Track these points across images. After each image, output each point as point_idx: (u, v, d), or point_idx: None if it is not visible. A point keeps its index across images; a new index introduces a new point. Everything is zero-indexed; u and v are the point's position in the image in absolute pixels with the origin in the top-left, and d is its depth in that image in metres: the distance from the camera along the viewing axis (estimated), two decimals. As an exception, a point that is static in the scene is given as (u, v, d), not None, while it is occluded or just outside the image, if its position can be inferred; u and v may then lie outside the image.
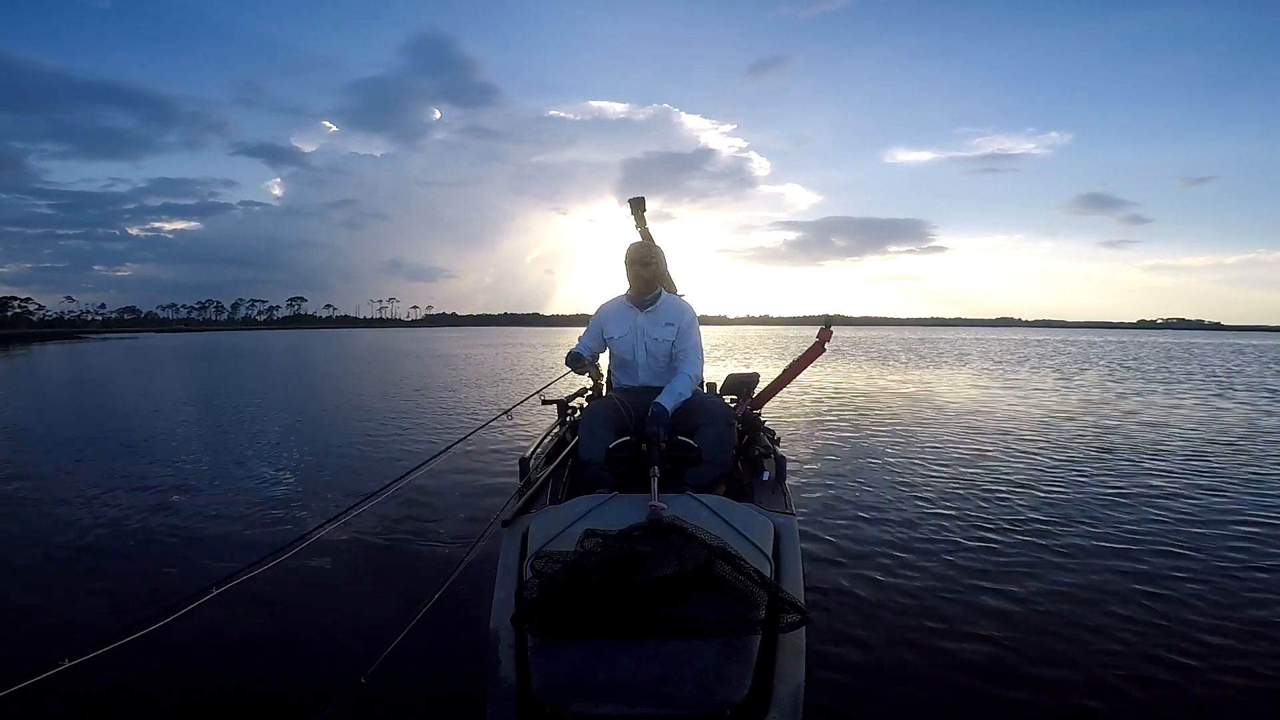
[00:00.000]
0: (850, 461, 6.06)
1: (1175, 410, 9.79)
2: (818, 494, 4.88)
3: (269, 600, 3.08)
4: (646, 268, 2.85)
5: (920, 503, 4.67)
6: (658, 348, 2.88)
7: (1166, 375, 16.34)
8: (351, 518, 2.72)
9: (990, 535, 3.97)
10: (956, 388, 13.15)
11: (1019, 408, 9.99)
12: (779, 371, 3.64)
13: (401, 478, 2.78)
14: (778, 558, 1.78)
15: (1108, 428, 8.09)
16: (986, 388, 13.13)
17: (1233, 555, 3.66)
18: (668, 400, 2.67)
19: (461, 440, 3.37)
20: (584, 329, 3.12)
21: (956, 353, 27.07)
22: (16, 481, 5.56)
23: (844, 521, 4.21)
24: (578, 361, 2.95)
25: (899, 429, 7.96)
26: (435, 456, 3.10)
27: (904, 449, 6.67)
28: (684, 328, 2.88)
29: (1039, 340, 47.58)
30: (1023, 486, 5.13)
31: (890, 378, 15.27)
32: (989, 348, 32.28)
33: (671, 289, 3.33)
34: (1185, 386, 13.50)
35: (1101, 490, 5.04)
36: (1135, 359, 23.69)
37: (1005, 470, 5.70)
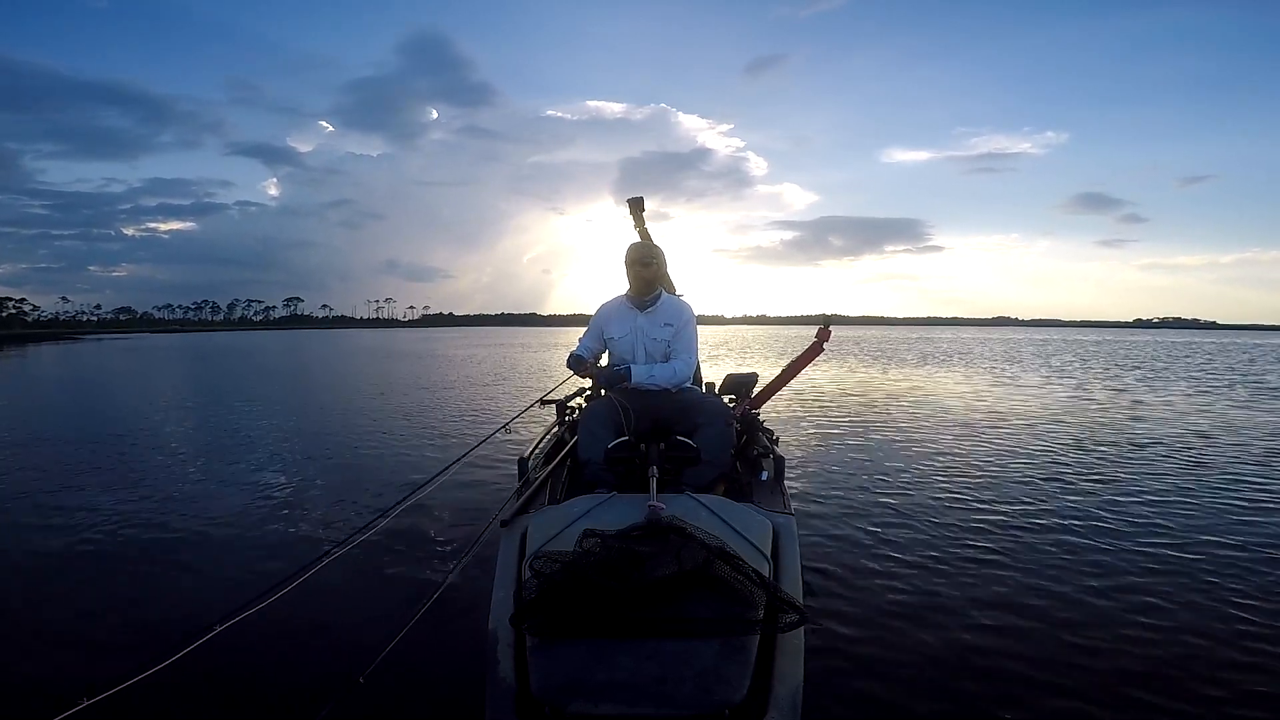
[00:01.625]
0: (849, 461, 6.07)
1: (1176, 407, 9.81)
2: (816, 494, 4.89)
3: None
4: (647, 268, 2.86)
5: (919, 502, 4.67)
6: (656, 348, 2.88)
7: (1166, 373, 16.38)
8: (349, 518, 2.72)
9: (990, 534, 3.97)
10: (954, 387, 13.17)
11: (1017, 406, 10.01)
12: (777, 371, 3.64)
13: (408, 497, 2.77)
14: (776, 558, 1.78)
15: (1108, 426, 8.10)
16: (984, 387, 13.15)
17: (1240, 553, 3.68)
18: (640, 372, 2.70)
19: (466, 454, 3.37)
20: (582, 329, 3.11)
21: (955, 352, 27.12)
22: (15, 497, 5.53)
23: (843, 521, 4.21)
24: (580, 364, 2.94)
25: (898, 428, 7.97)
26: (443, 471, 3.10)
27: (903, 448, 6.68)
28: (681, 327, 2.89)
29: (1040, 340, 47.67)
30: (1023, 485, 5.15)
31: (889, 377, 15.29)
32: (988, 348, 32.35)
33: (671, 289, 3.33)
34: (1185, 385, 13.53)
35: (1103, 489, 5.05)
36: (1134, 358, 23.75)
37: (1005, 469, 5.71)
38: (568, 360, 2.97)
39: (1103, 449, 6.69)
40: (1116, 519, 4.31)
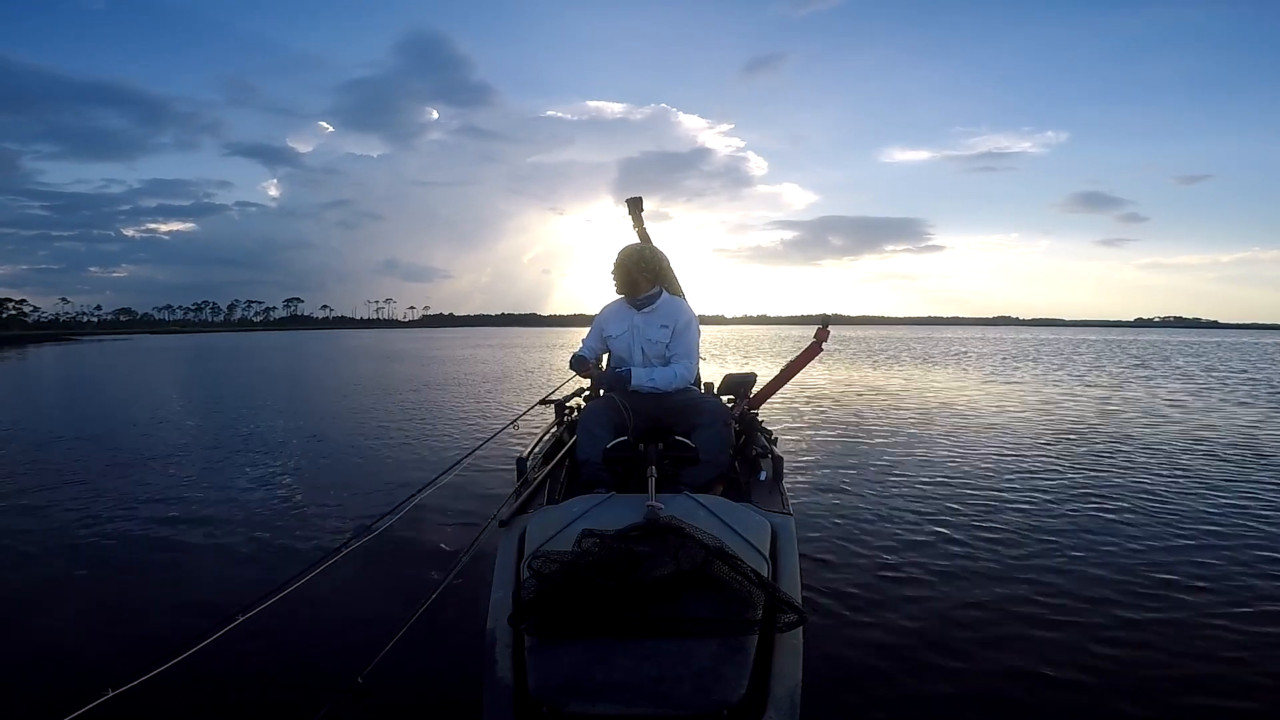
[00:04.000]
0: (848, 461, 6.07)
1: (1180, 406, 9.81)
2: (815, 494, 4.89)
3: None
4: (619, 268, 2.87)
5: (918, 502, 4.67)
6: (653, 349, 2.87)
7: (1169, 372, 16.37)
8: (352, 519, 2.72)
9: (989, 534, 3.97)
10: (954, 386, 13.16)
11: (1017, 406, 10.00)
12: (776, 371, 3.64)
13: (415, 494, 2.78)
14: (775, 558, 1.78)
15: (1110, 426, 8.10)
16: (984, 386, 13.15)
17: (1244, 557, 3.68)
18: (640, 375, 2.68)
19: (470, 454, 3.38)
20: (582, 329, 3.12)
21: (955, 352, 27.09)
22: (27, 496, 5.53)
23: (841, 521, 4.21)
24: (582, 364, 2.95)
25: (897, 428, 7.97)
26: (449, 470, 3.10)
27: (902, 448, 6.68)
28: (679, 329, 2.85)
29: (1042, 340, 47.58)
30: (1022, 485, 5.14)
31: (888, 377, 15.30)
32: (989, 347, 32.31)
33: (677, 291, 3.30)
34: (1190, 383, 13.51)
35: (1105, 489, 5.04)
36: (1139, 356, 23.72)
37: (1005, 468, 5.71)
38: (571, 360, 2.97)
39: (1108, 447, 6.69)
40: (1123, 518, 4.31)
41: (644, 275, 2.86)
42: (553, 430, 3.41)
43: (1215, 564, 3.52)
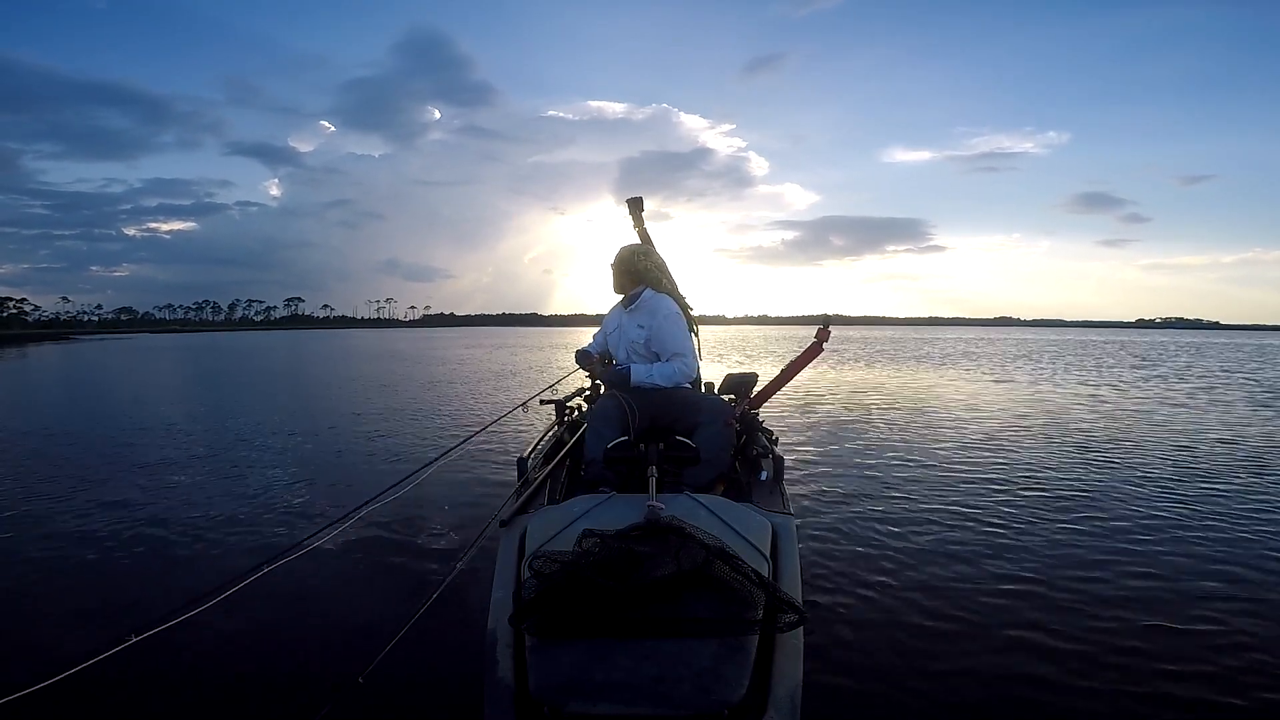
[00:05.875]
0: (848, 461, 6.07)
1: (1183, 405, 9.79)
2: (816, 494, 4.88)
3: (265, 600, 3.07)
4: (611, 271, 2.94)
5: (919, 502, 4.67)
6: (634, 347, 2.91)
7: (1169, 372, 16.34)
8: (349, 517, 2.73)
9: (990, 534, 3.97)
10: (955, 387, 13.15)
11: (1020, 405, 9.99)
12: (777, 371, 3.64)
13: (406, 479, 2.78)
14: (776, 558, 1.78)
15: (1114, 426, 8.09)
16: (986, 386, 13.14)
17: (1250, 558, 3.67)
18: (639, 372, 2.74)
19: (467, 440, 3.38)
20: (582, 329, 3.15)
21: (956, 352, 27.06)
22: (18, 483, 5.54)
23: (842, 521, 4.21)
24: (586, 358, 3.05)
25: (897, 428, 7.96)
26: (442, 456, 3.12)
27: (903, 448, 6.68)
28: (656, 328, 2.83)
29: (1044, 341, 47.51)
30: (1025, 484, 5.14)
31: (889, 377, 15.28)
32: (991, 347, 32.25)
33: (670, 290, 3.30)
34: (1192, 384, 13.49)
35: (1109, 488, 5.04)
36: (1140, 357, 23.67)
37: (1007, 468, 5.70)
38: (576, 354, 3.07)
39: (1111, 447, 6.68)
40: (1129, 518, 4.30)
41: (627, 275, 2.93)
42: (553, 430, 3.41)
43: (1224, 566, 3.52)
